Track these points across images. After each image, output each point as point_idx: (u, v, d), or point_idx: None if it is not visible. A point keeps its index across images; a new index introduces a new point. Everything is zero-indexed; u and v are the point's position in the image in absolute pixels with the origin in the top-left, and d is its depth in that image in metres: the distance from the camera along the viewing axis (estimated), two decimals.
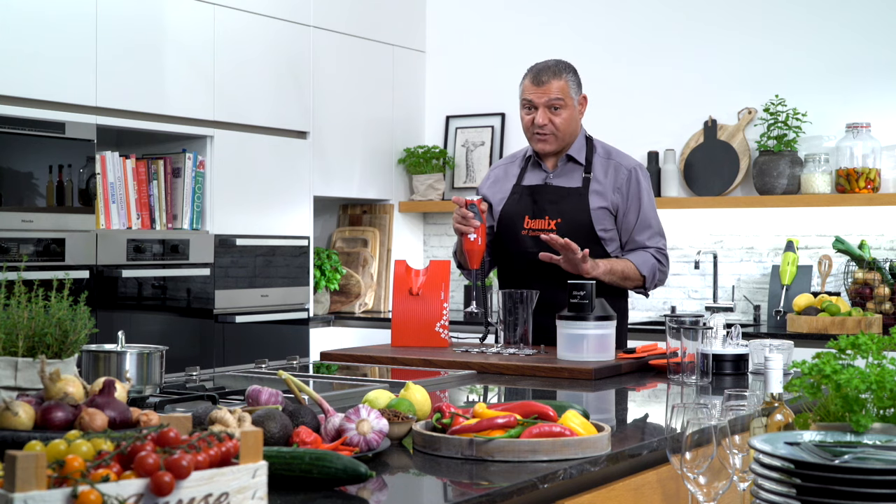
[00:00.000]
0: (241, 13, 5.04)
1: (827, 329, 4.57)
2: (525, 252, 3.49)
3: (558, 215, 3.47)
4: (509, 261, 3.56)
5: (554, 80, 3.48)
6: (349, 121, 5.67)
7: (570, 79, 3.52)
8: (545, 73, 3.50)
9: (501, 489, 1.67)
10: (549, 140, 3.50)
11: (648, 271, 3.47)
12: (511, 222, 3.55)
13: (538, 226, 3.49)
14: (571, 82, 3.52)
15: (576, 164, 3.54)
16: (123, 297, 4.47)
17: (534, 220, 3.51)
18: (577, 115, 3.53)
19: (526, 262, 3.48)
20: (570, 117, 3.50)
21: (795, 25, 5.28)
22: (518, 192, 3.57)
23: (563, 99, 3.47)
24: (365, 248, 5.90)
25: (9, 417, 1.60)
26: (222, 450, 1.36)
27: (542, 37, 5.87)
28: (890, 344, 1.96)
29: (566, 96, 3.48)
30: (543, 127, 3.48)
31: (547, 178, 3.55)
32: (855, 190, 4.98)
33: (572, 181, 3.52)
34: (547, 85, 3.48)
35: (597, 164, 3.53)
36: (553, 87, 3.47)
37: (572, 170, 3.54)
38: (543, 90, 3.48)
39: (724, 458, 1.85)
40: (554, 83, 3.48)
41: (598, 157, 3.55)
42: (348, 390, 2.57)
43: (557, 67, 3.52)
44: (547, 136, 3.49)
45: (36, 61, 4.22)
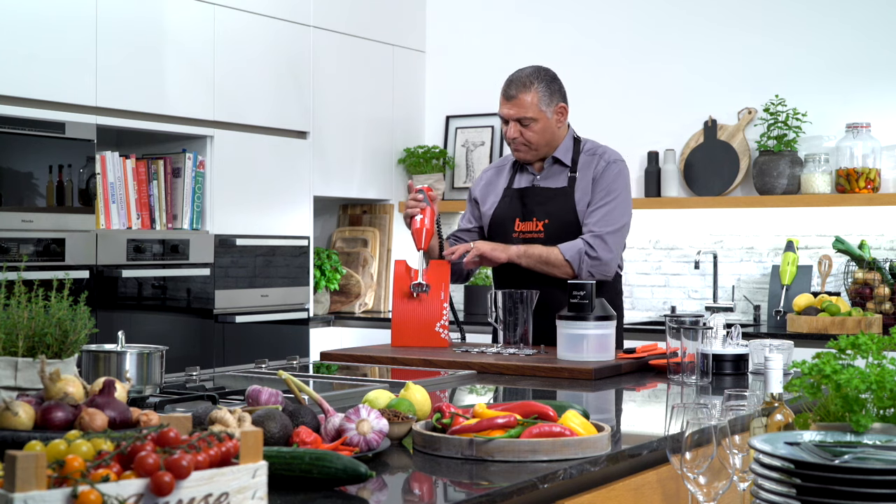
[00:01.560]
0: (241, 13, 5.04)
1: (827, 329, 4.57)
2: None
3: (545, 216, 3.49)
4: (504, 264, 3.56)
5: (522, 94, 3.44)
6: (349, 121, 5.67)
7: (542, 90, 3.46)
8: (514, 86, 3.46)
9: (501, 489, 1.67)
10: (522, 150, 3.52)
11: (573, 256, 3.38)
12: (502, 226, 3.57)
13: (527, 228, 3.52)
14: (542, 94, 3.46)
15: (561, 165, 3.54)
16: (123, 297, 4.47)
17: (523, 223, 3.53)
18: (552, 125, 3.49)
19: (519, 266, 3.48)
20: (543, 129, 3.47)
21: (795, 25, 5.28)
22: (508, 196, 3.59)
23: (532, 115, 3.44)
24: (365, 248, 5.90)
25: (9, 417, 1.60)
26: (222, 450, 1.36)
27: (542, 37, 5.87)
28: (890, 344, 1.96)
29: (535, 111, 3.44)
30: (514, 140, 3.49)
31: (534, 181, 3.57)
32: (855, 190, 4.98)
33: (558, 182, 3.53)
34: (515, 100, 3.46)
35: (582, 161, 3.53)
36: (522, 101, 3.44)
37: (559, 171, 3.55)
38: (512, 105, 3.46)
39: (724, 458, 1.85)
40: (523, 98, 3.44)
41: (584, 156, 3.54)
42: (348, 390, 2.57)
43: (529, 79, 3.46)
44: (519, 147, 3.51)
45: (36, 61, 4.22)
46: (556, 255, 3.39)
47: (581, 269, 3.39)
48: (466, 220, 3.72)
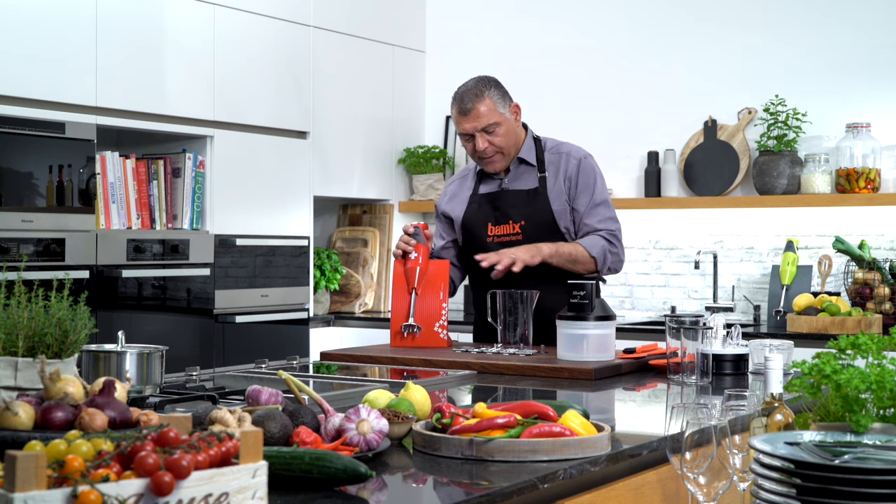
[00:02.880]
0: (241, 13, 5.04)
1: (827, 329, 4.57)
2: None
3: (521, 218, 3.50)
4: (477, 268, 3.56)
5: (478, 103, 3.45)
6: (349, 121, 5.67)
7: (494, 95, 3.48)
8: (467, 99, 3.47)
9: (501, 489, 1.67)
10: (496, 160, 3.52)
11: (598, 253, 3.43)
12: (474, 232, 3.57)
13: (503, 231, 3.52)
14: (496, 98, 3.48)
15: (527, 166, 3.55)
16: (123, 297, 4.47)
17: (497, 227, 3.53)
18: (513, 126, 3.51)
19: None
20: (507, 132, 3.49)
21: (795, 25, 5.28)
22: (476, 202, 3.59)
23: (494, 120, 3.45)
24: (365, 248, 5.90)
25: (9, 417, 1.60)
26: (222, 450, 1.36)
27: (542, 37, 5.88)
28: (890, 344, 1.96)
29: (496, 115, 3.46)
30: (485, 151, 3.48)
31: (502, 184, 3.57)
32: (855, 190, 4.98)
33: (528, 183, 3.54)
34: (473, 111, 3.46)
35: (548, 160, 3.54)
36: (480, 111, 3.45)
37: (525, 171, 3.55)
38: (472, 117, 3.46)
39: (724, 458, 1.85)
40: (479, 107, 3.45)
41: (548, 154, 3.56)
42: (348, 390, 2.57)
43: (477, 88, 3.48)
44: (493, 157, 3.50)
45: (36, 61, 4.22)
46: (583, 252, 3.42)
47: (604, 265, 3.44)
48: (439, 236, 3.72)
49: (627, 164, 5.55)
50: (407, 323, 3.43)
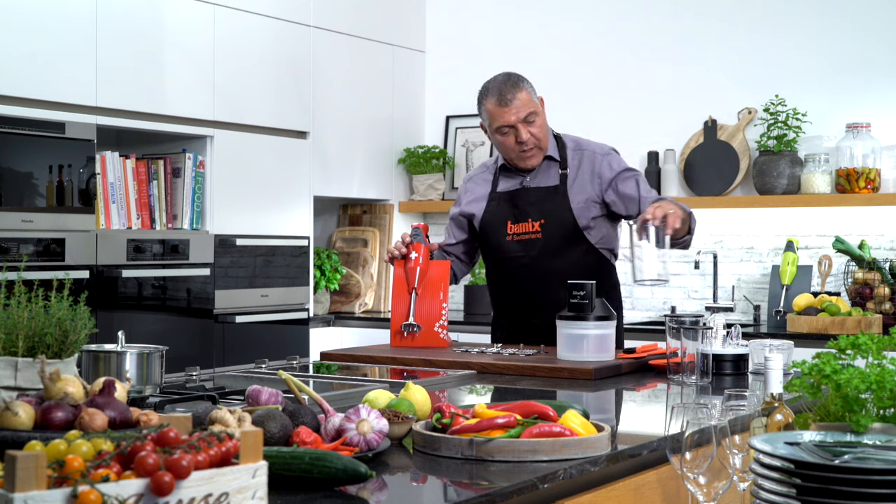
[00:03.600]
0: (241, 13, 5.04)
1: (827, 329, 4.57)
2: (512, 257, 3.50)
3: (541, 216, 3.47)
4: (498, 268, 3.56)
5: (518, 93, 3.42)
6: (349, 121, 5.67)
7: (527, 86, 3.46)
8: (507, 90, 3.43)
9: (501, 489, 1.67)
10: (535, 153, 3.49)
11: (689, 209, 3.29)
12: (493, 230, 3.55)
13: (522, 229, 3.49)
14: (530, 89, 3.46)
15: (550, 162, 3.53)
16: (123, 297, 4.47)
17: (517, 225, 3.50)
18: (545, 118, 3.50)
19: (515, 267, 3.49)
20: (543, 122, 3.47)
21: (795, 25, 5.28)
22: (495, 199, 3.56)
23: (533, 109, 3.43)
24: (365, 248, 5.90)
25: (9, 417, 1.60)
26: (222, 450, 1.36)
27: (542, 37, 5.88)
28: (890, 344, 1.96)
29: (533, 105, 3.44)
30: (527, 142, 3.44)
31: (523, 182, 3.54)
32: (855, 190, 4.98)
33: (550, 180, 3.51)
34: (515, 101, 3.41)
35: (570, 158, 3.52)
36: (520, 100, 3.41)
37: (547, 168, 3.53)
38: (514, 108, 3.41)
39: (724, 458, 1.85)
40: (520, 96, 3.42)
41: (570, 151, 3.53)
42: (348, 390, 2.57)
43: (513, 80, 3.44)
44: (533, 150, 3.47)
45: (36, 61, 4.22)
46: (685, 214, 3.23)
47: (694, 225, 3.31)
48: (451, 235, 3.70)
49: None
50: (407, 322, 3.43)
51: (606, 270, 3.54)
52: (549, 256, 3.45)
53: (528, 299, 3.49)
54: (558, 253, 3.45)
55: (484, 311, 5.70)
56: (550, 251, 3.45)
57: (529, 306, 3.49)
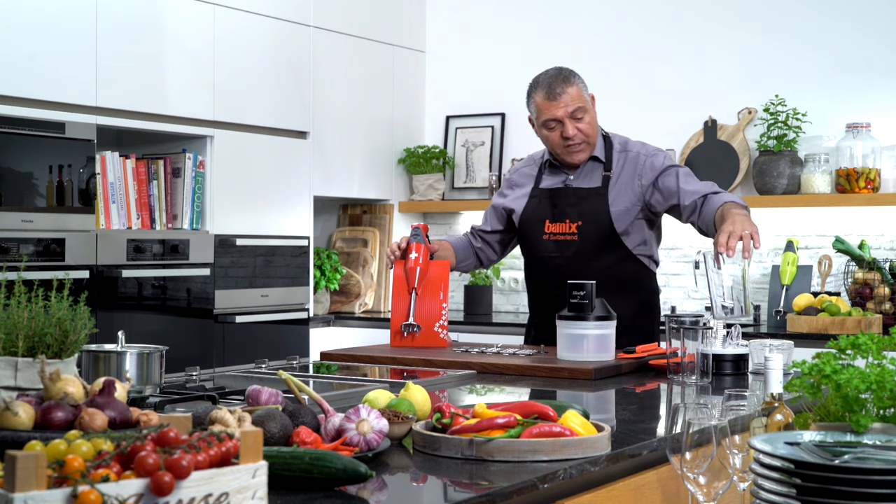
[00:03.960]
0: (241, 13, 5.04)
1: (827, 329, 4.57)
2: (547, 256, 3.47)
3: (579, 217, 3.42)
4: (534, 266, 3.53)
5: (568, 87, 3.37)
6: (349, 121, 5.67)
7: (579, 81, 3.42)
8: (556, 84, 3.38)
9: (501, 489, 1.67)
10: (583, 149, 3.43)
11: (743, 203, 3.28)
12: (531, 227, 3.51)
13: (559, 230, 3.45)
14: (581, 84, 3.42)
15: (596, 163, 3.47)
16: (123, 297, 4.47)
17: (554, 224, 3.46)
18: (595, 115, 3.45)
19: (550, 267, 3.45)
20: (592, 119, 3.42)
21: (795, 25, 5.28)
22: (537, 196, 3.52)
23: (582, 105, 3.38)
24: (365, 248, 5.90)
25: (9, 417, 1.60)
26: (222, 450, 1.36)
27: (541, 37, 5.88)
28: (890, 344, 1.96)
29: (583, 101, 3.39)
30: (574, 137, 3.38)
31: (567, 181, 3.49)
32: (855, 190, 4.98)
33: (592, 181, 3.46)
34: (564, 95, 3.36)
35: (615, 159, 3.47)
36: (570, 95, 3.37)
37: (592, 169, 3.47)
38: (562, 102, 3.36)
39: (724, 458, 1.85)
40: (569, 90, 3.37)
41: (616, 153, 3.48)
42: (348, 390, 2.57)
43: (564, 74, 3.40)
44: (580, 145, 3.41)
45: (36, 61, 4.22)
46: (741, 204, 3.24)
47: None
48: (488, 223, 3.66)
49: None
50: (407, 322, 3.43)
51: (645, 277, 3.51)
52: (583, 259, 3.41)
53: (555, 300, 3.39)
54: (593, 256, 3.41)
55: (484, 312, 5.70)
56: (585, 254, 3.41)
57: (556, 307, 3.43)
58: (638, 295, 3.34)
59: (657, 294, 3.57)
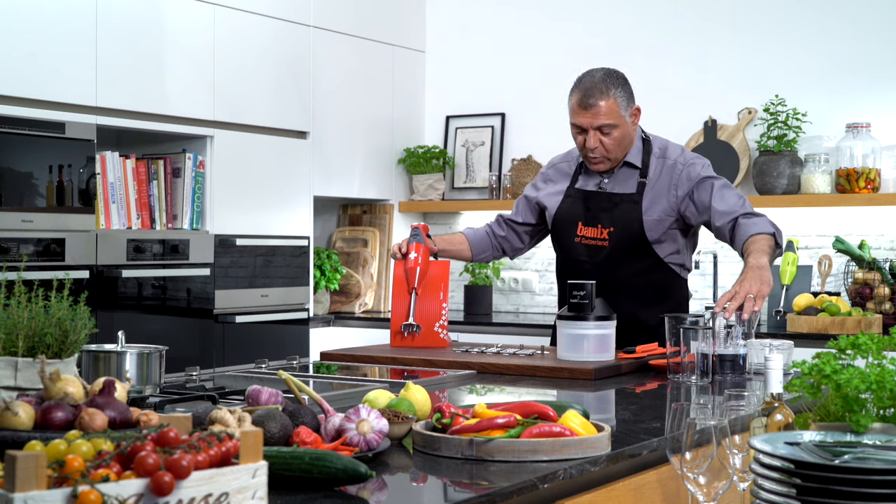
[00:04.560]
0: (241, 13, 5.04)
1: (827, 329, 4.57)
2: (577, 260, 3.44)
3: (611, 223, 3.37)
4: (564, 266, 3.50)
5: (602, 101, 3.27)
6: (349, 121, 5.67)
7: (619, 95, 3.29)
8: (593, 94, 3.27)
9: (501, 489, 1.67)
10: (602, 162, 3.37)
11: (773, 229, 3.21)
12: (565, 227, 3.47)
13: (591, 234, 3.41)
14: (621, 99, 3.30)
15: (632, 169, 3.41)
16: (123, 297, 4.47)
17: (587, 228, 3.42)
18: (629, 130, 3.35)
19: (580, 271, 3.40)
20: (622, 136, 3.33)
21: (795, 25, 5.28)
22: (572, 196, 3.48)
23: (612, 122, 3.29)
24: (365, 248, 5.90)
25: (9, 417, 1.60)
26: (222, 450, 1.36)
27: (542, 37, 5.88)
28: (890, 344, 1.96)
29: (616, 117, 3.29)
30: (594, 150, 3.33)
31: (601, 184, 3.44)
32: (855, 190, 4.98)
33: (627, 187, 3.40)
34: (595, 108, 3.27)
35: (652, 166, 3.41)
36: (602, 109, 3.27)
37: (628, 175, 3.42)
38: (592, 114, 3.28)
39: (724, 458, 1.85)
40: (603, 105, 3.27)
41: (654, 158, 3.42)
42: (348, 390, 2.57)
43: (605, 85, 3.29)
44: (598, 158, 3.35)
45: (36, 61, 4.22)
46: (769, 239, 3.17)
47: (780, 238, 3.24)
48: (519, 213, 3.62)
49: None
50: (407, 322, 3.43)
51: (675, 285, 3.46)
52: (613, 266, 3.37)
53: None
54: (624, 263, 3.37)
55: (484, 312, 5.70)
56: (616, 261, 3.37)
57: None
58: (667, 302, 3.31)
59: (687, 301, 3.52)
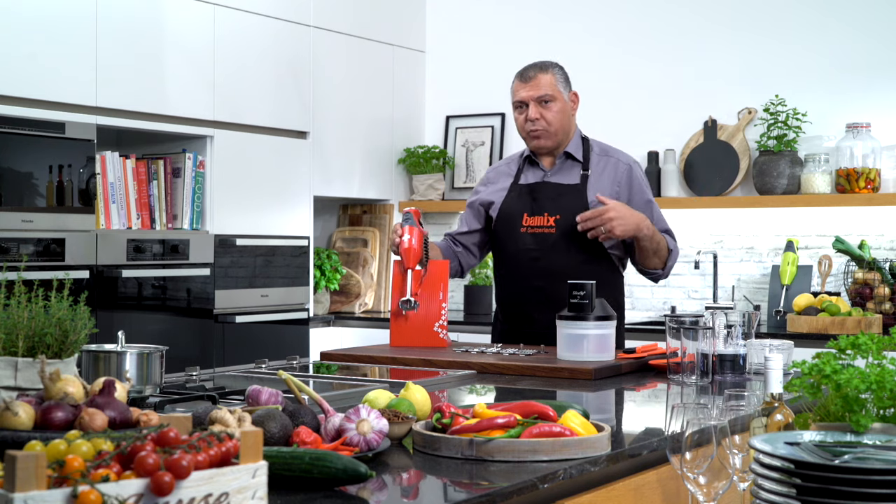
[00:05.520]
0: (241, 13, 5.04)
1: (827, 329, 4.57)
2: (525, 249, 3.51)
3: (557, 211, 3.48)
4: (507, 259, 3.56)
5: (541, 74, 3.50)
6: (349, 121, 5.67)
7: (558, 73, 3.54)
8: (532, 69, 3.53)
9: (501, 489, 1.67)
10: (543, 135, 3.51)
11: (674, 248, 3.49)
12: (509, 220, 3.55)
13: (537, 223, 3.50)
14: (559, 76, 3.53)
15: (574, 162, 3.55)
16: (123, 297, 4.47)
17: (532, 218, 3.51)
18: (568, 110, 3.54)
19: (526, 260, 3.50)
20: (562, 111, 3.50)
21: (795, 25, 5.28)
22: (516, 191, 3.58)
23: (551, 93, 3.48)
24: (365, 248, 5.90)
25: (9, 417, 1.60)
26: (222, 450, 1.36)
27: (542, 36, 5.87)
28: (890, 344, 1.96)
29: (555, 90, 3.50)
30: (536, 122, 3.48)
31: (545, 176, 3.56)
32: (855, 190, 4.98)
33: (570, 178, 3.53)
34: (534, 80, 3.50)
35: (594, 161, 3.55)
36: (541, 81, 3.49)
37: (570, 167, 3.55)
38: (532, 85, 3.49)
39: (724, 458, 1.85)
40: (541, 77, 3.50)
41: (595, 155, 3.56)
42: (348, 390, 2.57)
43: (543, 63, 3.55)
44: (540, 131, 3.50)
45: (36, 61, 4.22)
46: (665, 248, 3.45)
47: (670, 265, 3.50)
48: (465, 224, 3.70)
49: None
50: (404, 298, 3.39)
51: (614, 277, 3.54)
52: (560, 252, 3.46)
53: (534, 294, 3.48)
54: (570, 250, 3.46)
55: (484, 312, 5.70)
56: (562, 248, 3.46)
57: (534, 301, 3.49)
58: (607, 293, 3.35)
59: (623, 296, 3.64)
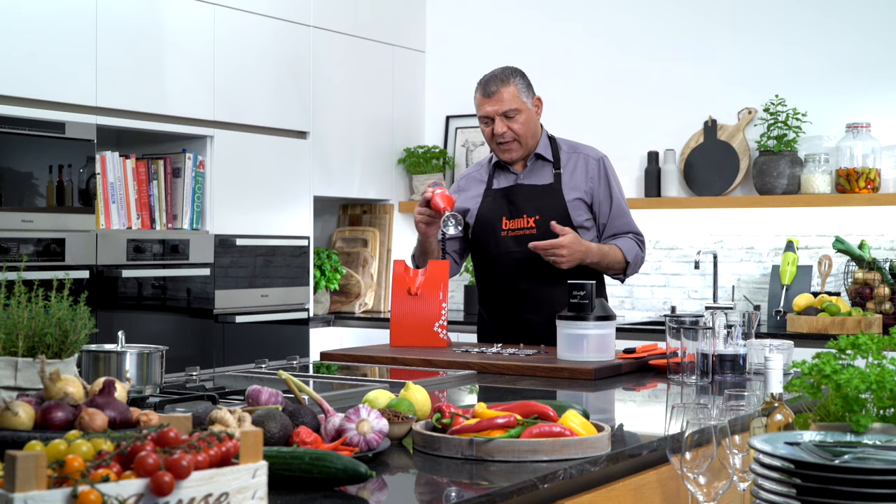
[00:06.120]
0: (241, 13, 5.04)
1: (827, 329, 4.57)
2: (507, 253, 3.52)
3: (536, 212, 3.50)
4: (491, 264, 3.56)
5: (503, 87, 3.49)
6: (349, 121, 5.67)
7: (519, 83, 3.52)
8: (493, 83, 3.51)
9: (501, 489, 1.67)
10: (512, 147, 3.52)
11: (633, 258, 3.51)
12: (488, 225, 3.56)
13: (517, 225, 3.52)
14: (521, 86, 3.52)
15: (544, 162, 3.57)
16: (123, 297, 4.47)
17: (512, 221, 3.53)
18: (534, 116, 3.54)
19: (510, 263, 3.51)
20: (527, 121, 3.51)
21: (796, 25, 5.28)
22: (491, 196, 3.59)
23: (516, 106, 3.48)
24: (365, 248, 5.90)
25: (9, 417, 1.60)
26: (222, 450, 1.36)
27: (542, 36, 5.88)
28: (890, 344, 1.96)
29: (518, 102, 3.49)
30: (503, 135, 3.49)
31: (518, 179, 3.58)
32: (855, 190, 4.98)
33: (543, 178, 3.55)
34: (497, 94, 3.48)
35: (564, 159, 3.57)
36: (504, 95, 3.48)
37: (541, 167, 3.57)
38: (495, 100, 3.48)
39: (724, 458, 1.85)
40: (504, 91, 3.48)
41: (564, 153, 3.58)
42: (348, 390, 2.57)
43: (504, 75, 3.52)
44: (510, 143, 3.51)
45: (36, 61, 4.22)
46: (620, 257, 3.48)
47: (634, 269, 3.54)
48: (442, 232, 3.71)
49: (627, 164, 5.55)
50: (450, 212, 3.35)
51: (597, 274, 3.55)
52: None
53: (520, 294, 3.50)
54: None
55: None
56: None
57: (522, 302, 3.50)
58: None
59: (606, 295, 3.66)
